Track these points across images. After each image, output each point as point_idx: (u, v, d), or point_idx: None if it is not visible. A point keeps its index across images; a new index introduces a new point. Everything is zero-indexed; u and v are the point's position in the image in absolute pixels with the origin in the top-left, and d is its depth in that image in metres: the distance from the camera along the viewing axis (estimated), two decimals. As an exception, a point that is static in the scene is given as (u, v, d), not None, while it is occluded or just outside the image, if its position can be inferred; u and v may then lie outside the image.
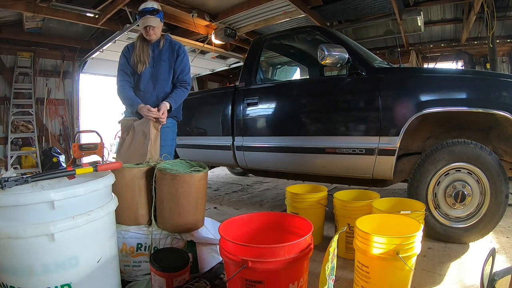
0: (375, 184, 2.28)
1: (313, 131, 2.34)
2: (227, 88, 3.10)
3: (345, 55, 2.10)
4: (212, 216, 2.33)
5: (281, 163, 2.54)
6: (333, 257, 1.07)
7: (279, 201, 3.13)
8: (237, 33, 4.93)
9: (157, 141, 1.97)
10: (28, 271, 0.97)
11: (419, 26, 4.88)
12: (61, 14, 4.20)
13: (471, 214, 1.85)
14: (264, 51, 2.96)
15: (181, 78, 2.14)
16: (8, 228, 0.93)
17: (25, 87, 5.43)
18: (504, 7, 4.74)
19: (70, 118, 6.10)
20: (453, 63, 6.05)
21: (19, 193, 0.97)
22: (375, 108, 2.01)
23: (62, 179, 1.19)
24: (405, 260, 1.15)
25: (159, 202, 1.52)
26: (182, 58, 2.13)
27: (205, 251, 1.51)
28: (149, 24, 1.99)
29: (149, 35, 2.04)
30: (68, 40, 5.64)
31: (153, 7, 2.02)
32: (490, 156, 1.78)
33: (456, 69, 5.49)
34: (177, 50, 2.12)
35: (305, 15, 4.42)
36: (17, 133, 5.31)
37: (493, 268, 1.07)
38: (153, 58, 2.08)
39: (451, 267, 1.59)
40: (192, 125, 3.17)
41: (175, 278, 1.23)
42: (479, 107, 1.79)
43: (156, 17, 2.01)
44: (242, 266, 1.01)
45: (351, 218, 1.60)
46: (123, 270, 1.46)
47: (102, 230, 1.13)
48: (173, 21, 4.56)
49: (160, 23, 2.05)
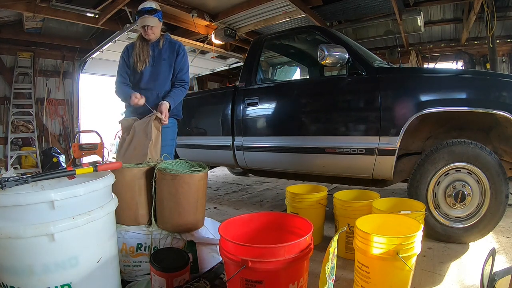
0: (375, 184, 2.28)
1: (313, 131, 2.34)
2: (227, 88, 3.10)
3: (345, 55, 2.10)
4: (212, 216, 2.33)
5: (281, 163, 2.54)
6: (333, 257, 1.07)
7: (279, 201, 3.13)
8: (237, 33, 4.93)
9: (158, 141, 1.98)
10: (28, 271, 0.97)
11: (419, 26, 4.88)
12: (61, 14, 4.20)
13: (471, 214, 1.85)
14: (264, 51, 2.96)
15: (180, 77, 2.15)
16: (8, 228, 0.93)
17: (25, 87, 5.43)
18: (504, 7, 4.74)
19: (70, 118, 6.10)
20: (453, 63, 6.05)
21: (19, 193, 0.96)
22: (375, 108, 2.01)
23: (62, 179, 1.18)
24: (405, 260, 1.15)
25: (159, 202, 1.52)
26: (182, 57, 2.14)
27: (205, 251, 1.51)
28: (146, 23, 2.00)
29: (147, 34, 2.04)
30: (68, 40, 5.64)
31: (151, 7, 2.02)
32: (490, 156, 1.78)
33: (456, 69, 5.49)
34: (177, 49, 2.13)
35: (305, 15, 4.42)
36: (17, 133, 5.31)
37: (493, 268, 1.07)
38: (153, 57, 2.09)
39: (451, 267, 1.59)
40: (192, 125, 3.17)
41: (175, 278, 1.23)
42: (479, 107, 1.79)
43: (154, 16, 2.01)
44: (242, 266, 1.01)
45: (351, 218, 1.60)
46: (123, 270, 1.45)
47: (102, 230, 1.13)
48: (173, 21, 4.57)
49: (158, 23, 2.05)
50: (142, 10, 2.02)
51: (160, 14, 2.06)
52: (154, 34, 2.06)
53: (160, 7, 2.09)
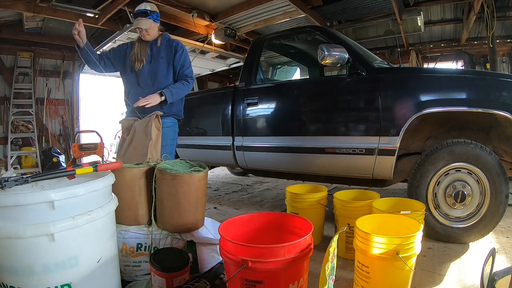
0: (375, 184, 2.28)
1: (313, 131, 2.34)
2: (227, 88, 3.10)
3: (345, 55, 2.10)
4: (212, 216, 2.33)
5: (281, 163, 2.54)
6: (333, 257, 1.07)
7: (279, 201, 3.13)
8: (237, 33, 4.93)
9: (158, 141, 1.98)
10: (28, 271, 0.97)
11: (419, 26, 4.88)
12: (61, 14, 4.19)
13: (471, 214, 1.85)
14: (264, 51, 2.96)
15: (182, 73, 2.13)
16: (8, 228, 0.93)
17: (25, 87, 5.42)
18: (504, 7, 4.74)
19: (70, 118, 6.10)
20: (453, 63, 6.04)
21: (19, 193, 0.96)
22: (375, 108, 2.01)
23: (62, 179, 1.18)
24: (405, 260, 1.15)
25: (159, 202, 1.52)
26: (181, 54, 2.12)
27: (205, 251, 1.51)
28: (139, 26, 2.02)
29: (143, 36, 2.07)
30: (68, 40, 5.61)
31: (145, 9, 2.03)
32: (490, 156, 1.78)
33: (456, 69, 5.49)
34: (174, 46, 2.12)
35: (305, 15, 4.42)
36: (17, 133, 5.31)
37: (493, 268, 1.07)
38: (151, 56, 2.09)
39: (451, 267, 1.59)
40: (192, 125, 3.17)
41: (175, 278, 1.23)
42: (479, 107, 1.79)
43: (148, 18, 2.02)
44: (242, 266, 1.01)
45: (351, 218, 1.60)
46: (123, 270, 1.46)
47: (102, 230, 1.13)
48: (173, 21, 4.56)
49: (152, 24, 2.05)
50: (136, 13, 2.04)
51: (154, 15, 2.05)
52: (149, 35, 2.07)
53: (160, 7, 2.11)
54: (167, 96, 2.00)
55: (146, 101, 1.95)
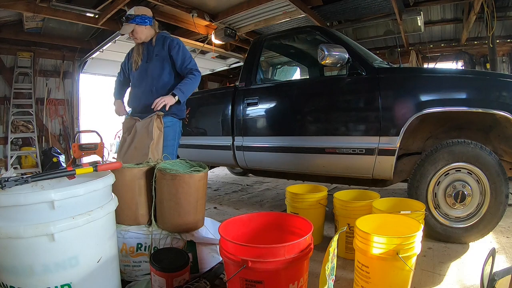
0: (375, 184, 2.28)
1: (313, 131, 2.34)
2: (227, 88, 3.10)
3: (345, 55, 2.10)
4: (212, 216, 2.33)
5: (281, 163, 2.54)
6: (333, 257, 1.07)
7: (279, 201, 3.13)
8: (237, 33, 4.93)
9: (160, 141, 1.98)
10: (28, 271, 0.97)
11: (419, 26, 4.88)
12: (61, 14, 4.20)
13: (471, 214, 1.85)
14: (264, 51, 2.96)
15: (185, 67, 2.09)
16: (8, 228, 0.93)
17: (25, 87, 5.42)
18: (504, 7, 4.74)
19: (70, 118, 6.10)
20: (453, 63, 6.04)
21: (19, 193, 0.96)
22: (375, 108, 2.01)
23: (62, 179, 1.18)
24: (405, 260, 1.15)
25: (159, 202, 1.52)
26: (178, 50, 2.09)
27: (205, 251, 1.51)
28: (122, 32, 2.09)
29: (133, 39, 2.12)
30: (68, 40, 5.63)
31: (128, 14, 2.06)
32: (490, 156, 1.78)
33: (456, 69, 5.49)
34: (168, 43, 2.09)
35: (305, 15, 4.42)
36: (17, 133, 5.31)
37: (493, 268, 1.07)
38: (147, 55, 2.11)
39: (451, 267, 1.59)
40: (192, 125, 3.17)
41: (175, 278, 1.23)
42: (479, 107, 1.79)
43: (130, 23, 2.03)
44: (242, 266, 1.01)
45: (351, 218, 1.60)
46: (123, 270, 1.46)
47: (102, 230, 1.13)
48: (173, 21, 4.56)
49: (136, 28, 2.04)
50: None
51: (138, 19, 2.04)
52: (138, 38, 2.09)
53: (160, 7, 2.13)
54: (178, 95, 1.99)
55: (163, 102, 1.94)
